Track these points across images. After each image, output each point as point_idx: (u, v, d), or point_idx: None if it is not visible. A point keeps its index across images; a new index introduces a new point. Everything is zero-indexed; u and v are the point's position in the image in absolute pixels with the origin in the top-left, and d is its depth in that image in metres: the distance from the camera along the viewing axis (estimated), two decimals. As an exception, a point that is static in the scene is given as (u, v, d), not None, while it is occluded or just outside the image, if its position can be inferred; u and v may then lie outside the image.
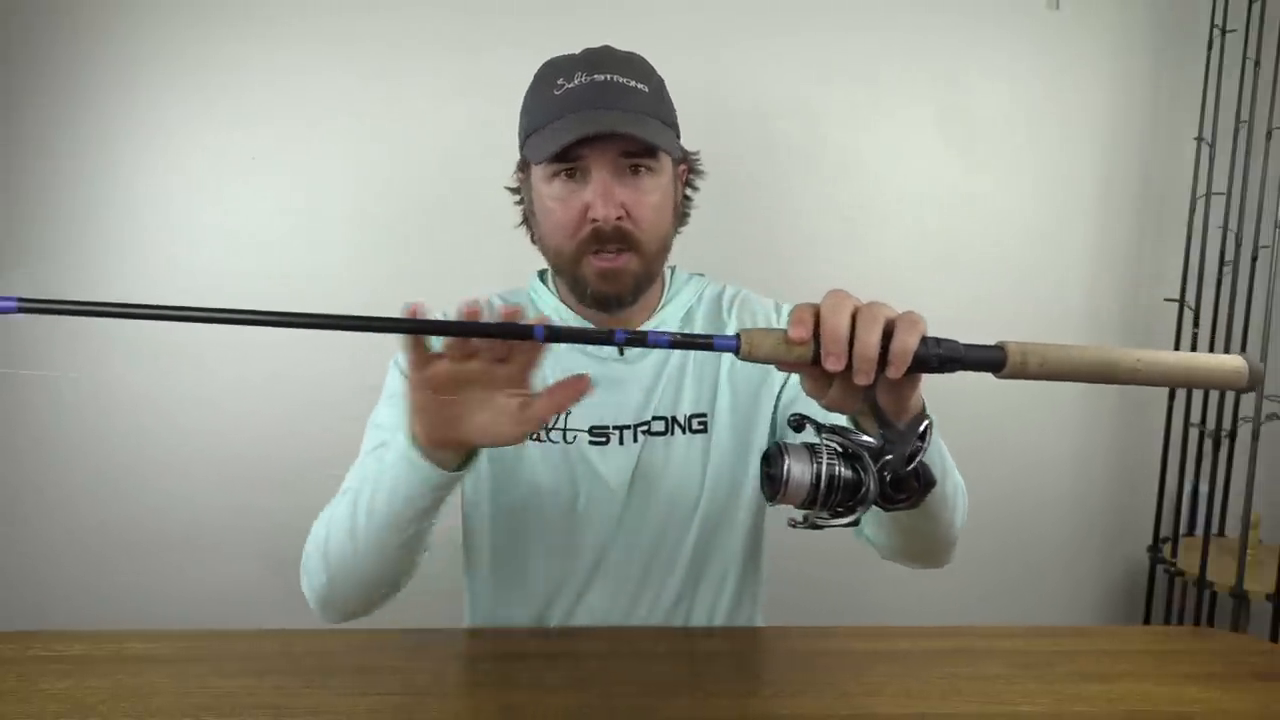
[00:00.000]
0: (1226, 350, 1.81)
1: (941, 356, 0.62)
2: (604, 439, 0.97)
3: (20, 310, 0.55)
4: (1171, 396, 1.89)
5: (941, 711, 0.79)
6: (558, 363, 0.97)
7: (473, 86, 1.76)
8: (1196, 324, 1.85)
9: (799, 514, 0.62)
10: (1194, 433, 1.88)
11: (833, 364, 0.60)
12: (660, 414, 0.99)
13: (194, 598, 1.86)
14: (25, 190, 1.79)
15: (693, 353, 1.01)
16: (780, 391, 1.01)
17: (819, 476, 0.61)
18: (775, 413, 1.01)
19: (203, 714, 0.77)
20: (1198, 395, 1.87)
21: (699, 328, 1.04)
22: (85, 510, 1.87)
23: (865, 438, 0.62)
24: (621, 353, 1.00)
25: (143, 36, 1.76)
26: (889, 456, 0.61)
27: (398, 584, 0.86)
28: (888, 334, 0.60)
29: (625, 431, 0.98)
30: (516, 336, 0.62)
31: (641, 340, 0.62)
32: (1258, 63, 1.76)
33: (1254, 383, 0.65)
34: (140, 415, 1.84)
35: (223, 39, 1.77)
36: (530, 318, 0.62)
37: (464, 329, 0.62)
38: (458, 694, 0.82)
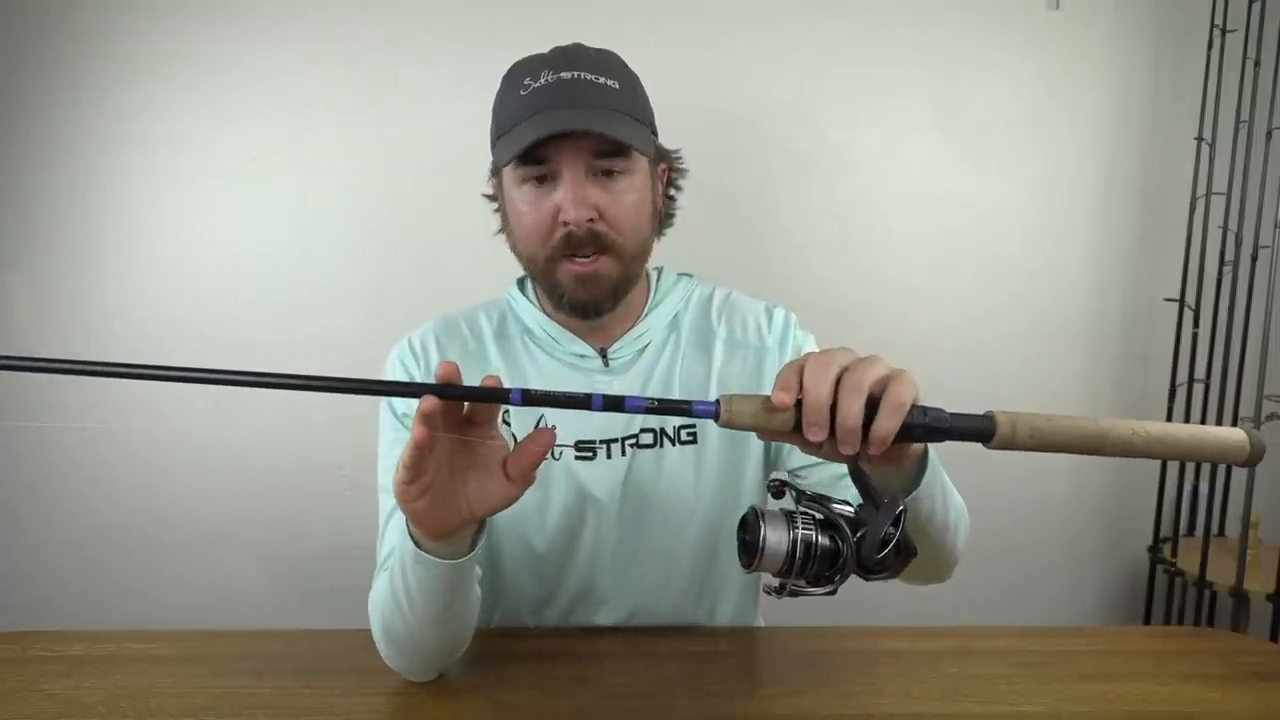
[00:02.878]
0: (1226, 348, 1.81)
1: (927, 427, 0.61)
2: (590, 454, 0.95)
3: None
4: (1171, 397, 1.89)
5: (941, 711, 0.79)
6: (540, 374, 0.97)
7: (471, 86, 1.76)
8: (1196, 324, 1.85)
9: (776, 581, 0.61)
10: (1194, 433, 1.88)
11: (814, 434, 0.59)
12: (648, 426, 0.96)
13: (193, 598, 1.86)
14: (22, 191, 1.79)
15: (680, 361, 0.99)
16: None
17: (795, 544, 0.60)
18: None
19: (202, 714, 0.77)
20: (1197, 396, 1.87)
21: (686, 333, 1.01)
22: (84, 511, 1.87)
23: (843, 507, 0.61)
24: (606, 364, 0.97)
25: (139, 37, 1.76)
26: (863, 534, 0.60)
27: (466, 636, 0.84)
28: (875, 399, 0.59)
29: (612, 445, 0.95)
30: (495, 400, 0.61)
31: (618, 405, 0.60)
32: (1258, 63, 1.76)
33: (1254, 459, 0.63)
34: (137, 418, 1.84)
35: (220, 39, 1.77)
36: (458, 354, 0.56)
37: (442, 391, 0.60)
38: (457, 694, 0.82)
